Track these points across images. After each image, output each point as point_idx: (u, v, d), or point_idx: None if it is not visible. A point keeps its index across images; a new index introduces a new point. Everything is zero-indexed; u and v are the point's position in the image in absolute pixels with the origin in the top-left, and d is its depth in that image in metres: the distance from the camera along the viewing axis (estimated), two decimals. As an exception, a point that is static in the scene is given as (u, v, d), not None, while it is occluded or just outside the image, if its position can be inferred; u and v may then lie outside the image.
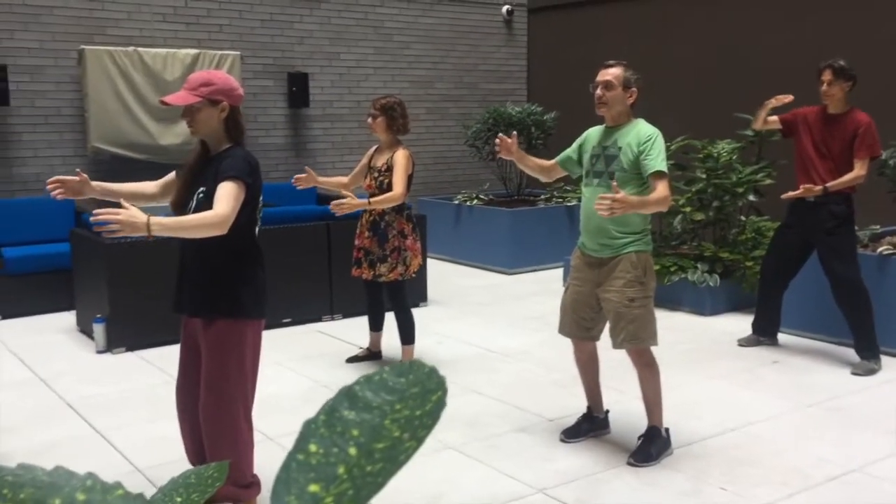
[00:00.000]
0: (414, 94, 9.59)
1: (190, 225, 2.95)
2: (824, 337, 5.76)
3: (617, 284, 3.83)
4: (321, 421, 0.52)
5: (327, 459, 0.49)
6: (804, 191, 5.10)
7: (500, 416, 4.49)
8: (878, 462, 3.87)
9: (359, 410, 0.52)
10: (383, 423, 0.50)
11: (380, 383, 0.54)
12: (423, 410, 0.51)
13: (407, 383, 0.54)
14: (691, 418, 4.40)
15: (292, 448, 0.52)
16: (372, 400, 0.53)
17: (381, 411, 0.52)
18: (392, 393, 0.53)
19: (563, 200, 8.86)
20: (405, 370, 0.57)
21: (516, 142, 3.98)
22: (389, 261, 5.02)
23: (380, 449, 0.49)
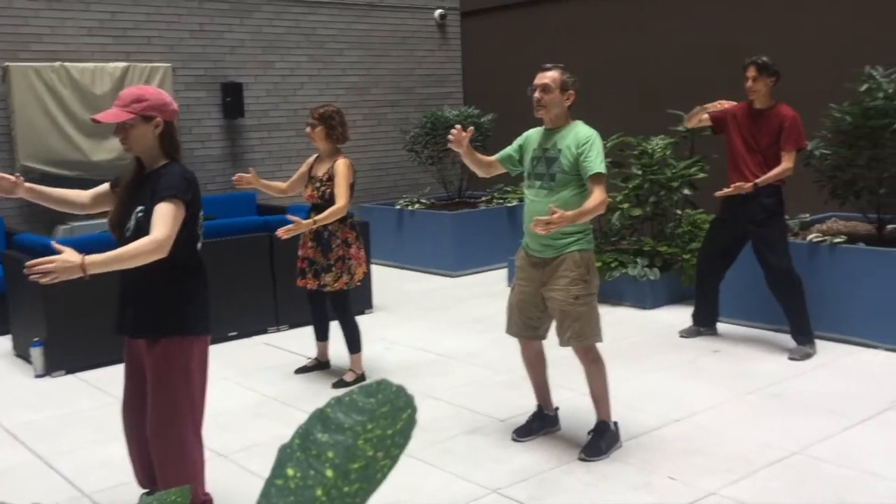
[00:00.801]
0: (350, 100, 9.57)
1: (128, 256, 2.88)
2: (761, 324, 5.93)
3: (561, 283, 3.89)
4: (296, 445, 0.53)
5: (305, 483, 0.50)
6: (735, 188, 5.26)
7: (451, 419, 4.51)
8: (817, 444, 4.01)
9: (332, 432, 0.53)
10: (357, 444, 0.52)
11: (350, 404, 0.56)
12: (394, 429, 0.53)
13: (377, 403, 0.56)
14: (638, 411, 4.49)
15: (270, 474, 0.53)
16: (344, 421, 0.54)
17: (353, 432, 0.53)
18: (363, 413, 0.55)
19: (503, 202, 8.94)
20: (374, 390, 0.58)
21: (469, 136, 3.99)
22: (334, 270, 5.01)
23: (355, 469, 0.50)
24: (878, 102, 5.52)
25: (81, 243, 5.57)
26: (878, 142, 5.59)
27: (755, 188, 5.25)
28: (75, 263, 2.73)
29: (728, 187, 5.36)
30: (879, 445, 3.97)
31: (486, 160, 4.23)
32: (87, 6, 7.92)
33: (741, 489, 3.58)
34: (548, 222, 3.57)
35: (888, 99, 5.51)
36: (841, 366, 5.17)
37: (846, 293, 5.55)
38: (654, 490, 3.62)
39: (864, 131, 5.57)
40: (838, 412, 4.39)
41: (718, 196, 5.43)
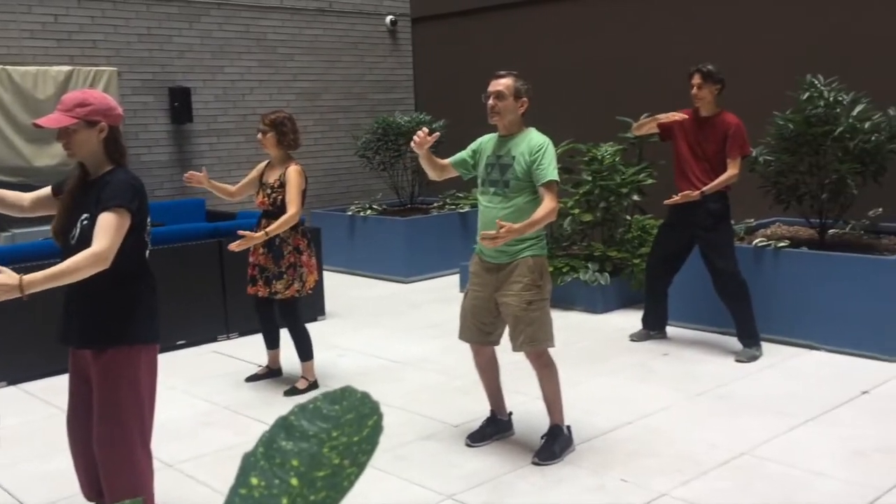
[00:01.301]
0: (301, 106, 9.51)
1: (68, 272, 2.80)
2: (709, 327, 6.04)
3: (515, 288, 3.91)
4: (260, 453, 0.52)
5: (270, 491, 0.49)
6: (683, 197, 5.35)
7: (405, 426, 4.50)
8: (764, 444, 4.10)
9: (296, 440, 0.52)
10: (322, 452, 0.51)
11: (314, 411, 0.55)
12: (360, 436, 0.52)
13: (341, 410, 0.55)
14: (591, 414, 4.54)
15: (234, 483, 0.52)
16: (308, 429, 0.53)
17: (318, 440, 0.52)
18: (327, 420, 0.54)
19: (455, 208, 8.96)
20: (338, 397, 0.58)
21: (433, 140, 3.99)
22: (285, 278, 4.96)
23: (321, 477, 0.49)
24: (819, 110, 5.68)
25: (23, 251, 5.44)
26: (820, 148, 5.75)
27: (702, 196, 5.35)
28: (12, 285, 2.65)
29: (676, 194, 5.45)
30: (824, 445, 4.07)
31: (441, 163, 4.23)
32: (29, 8, 7.73)
33: (691, 490, 3.64)
34: (494, 237, 3.64)
35: (829, 107, 5.67)
36: (786, 367, 5.29)
37: (790, 296, 5.68)
38: (607, 492, 3.66)
39: (805, 138, 5.73)
40: (784, 413, 4.49)
41: (667, 204, 5.52)
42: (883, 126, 5.66)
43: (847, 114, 5.65)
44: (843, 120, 5.62)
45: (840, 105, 5.70)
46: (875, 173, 5.76)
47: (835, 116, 5.65)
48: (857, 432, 4.20)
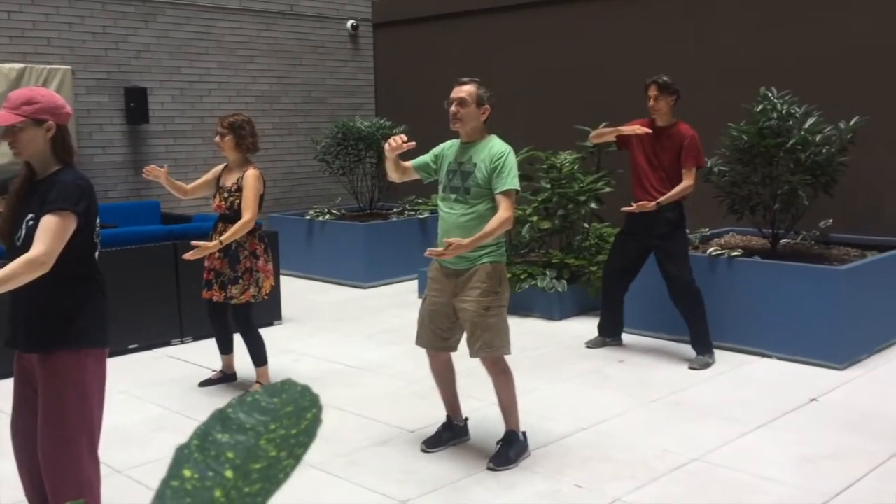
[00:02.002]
0: (260, 108, 9.43)
1: (6, 278, 2.73)
2: (664, 335, 6.11)
3: (473, 294, 3.92)
4: (194, 446, 0.51)
5: (203, 484, 0.48)
6: (639, 207, 5.41)
7: (360, 431, 4.47)
8: (716, 450, 4.15)
9: (232, 433, 0.51)
10: (259, 444, 0.50)
11: (253, 404, 0.54)
12: (298, 429, 0.52)
13: (280, 403, 0.54)
14: (547, 420, 4.56)
15: (165, 475, 0.51)
16: (245, 421, 0.52)
17: (255, 432, 0.51)
18: (266, 413, 0.53)
19: (415, 213, 8.95)
20: (278, 390, 0.57)
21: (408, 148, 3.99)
22: (241, 282, 4.90)
23: (257, 469, 0.48)
24: (772, 122, 5.79)
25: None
26: (773, 160, 5.86)
27: (658, 207, 5.42)
28: None
29: (633, 202, 5.51)
30: (773, 450, 4.14)
31: (404, 165, 4.22)
32: (-20, 3, 7.56)
33: (644, 494, 3.67)
34: (440, 254, 3.71)
35: (782, 119, 5.79)
36: (738, 374, 5.37)
37: (743, 304, 5.78)
38: (561, 498, 3.67)
39: (759, 149, 5.83)
40: (735, 419, 4.55)
41: (625, 212, 5.58)
42: (833, 139, 5.79)
43: (799, 126, 5.77)
44: (795, 132, 5.74)
45: (792, 118, 5.82)
46: (826, 185, 5.88)
47: (787, 129, 5.77)
48: (805, 438, 4.28)
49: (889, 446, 4.14)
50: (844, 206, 6.41)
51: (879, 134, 6.37)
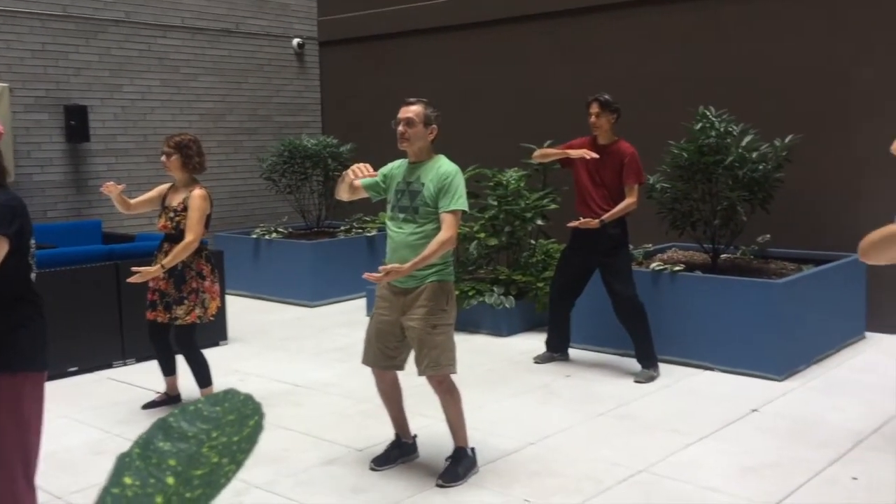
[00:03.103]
0: (204, 127, 9.33)
1: None
2: (610, 349, 6.20)
3: (420, 312, 3.93)
4: (136, 454, 0.51)
5: (144, 490, 0.48)
6: (583, 224, 5.50)
7: (308, 451, 4.43)
8: (661, 461, 4.22)
9: (174, 441, 0.51)
10: (201, 451, 0.51)
11: (195, 413, 0.55)
12: (240, 436, 0.52)
13: (223, 411, 0.55)
14: (495, 436, 4.58)
15: (106, 483, 0.51)
16: (188, 430, 0.53)
17: (197, 440, 0.52)
18: (208, 422, 0.54)
19: (362, 231, 8.94)
20: (220, 399, 0.57)
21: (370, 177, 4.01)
22: (186, 303, 4.83)
23: (198, 475, 0.49)
24: (711, 140, 5.95)
25: None
26: (712, 177, 6.01)
27: (602, 224, 5.51)
28: None
29: (578, 219, 5.60)
30: (717, 461, 4.22)
31: (355, 185, 4.23)
32: (-88, 19, 7.36)
33: (592, 508, 3.71)
34: (378, 279, 3.80)
35: (720, 137, 5.94)
36: (682, 387, 5.47)
37: (686, 318, 5.89)
38: (509, 513, 3.69)
39: (699, 167, 5.98)
40: (680, 431, 4.63)
41: (570, 228, 5.66)
42: (769, 156, 5.97)
43: (737, 144, 5.94)
44: (733, 150, 5.90)
45: (730, 136, 5.98)
46: (762, 201, 6.05)
47: (726, 146, 5.93)
48: (747, 449, 4.37)
49: (827, 454, 4.26)
50: (781, 222, 6.60)
51: (813, 151, 6.58)
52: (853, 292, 6.47)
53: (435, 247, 3.83)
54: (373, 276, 3.82)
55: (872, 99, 6.61)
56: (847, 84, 6.73)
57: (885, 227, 2.22)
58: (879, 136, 4.99)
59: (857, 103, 6.69)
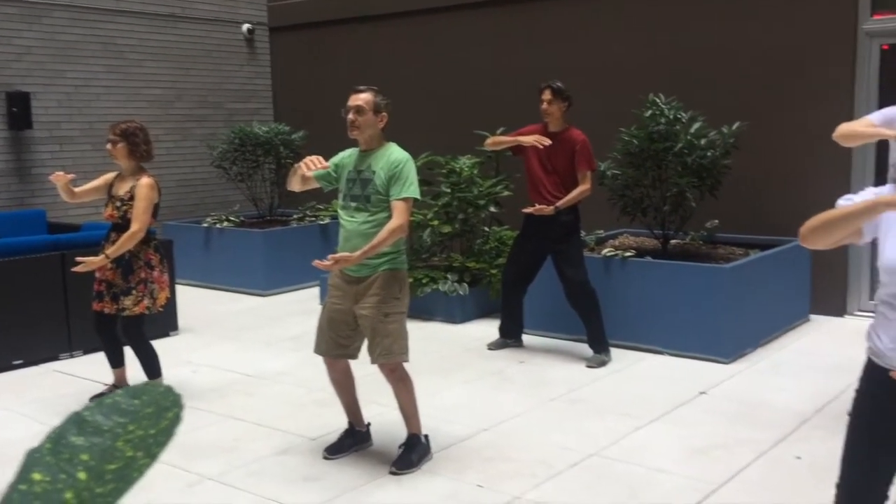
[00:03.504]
0: (153, 114, 9.16)
1: None
2: (562, 335, 6.25)
3: (373, 301, 3.93)
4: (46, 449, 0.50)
5: (54, 486, 0.47)
6: (537, 210, 5.52)
7: (260, 441, 4.40)
8: (611, 445, 4.28)
9: (88, 435, 0.50)
10: (115, 445, 0.50)
11: (112, 406, 0.53)
12: (157, 428, 0.51)
13: (141, 404, 0.54)
14: (448, 422, 4.59)
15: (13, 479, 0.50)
16: (103, 423, 0.51)
17: (112, 434, 0.51)
18: (125, 415, 0.52)
19: (315, 219, 8.87)
20: (140, 391, 0.56)
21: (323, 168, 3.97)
22: (134, 293, 4.74)
23: (111, 470, 0.48)
24: (660, 127, 6.02)
25: None
26: (662, 163, 6.08)
27: (556, 211, 5.54)
28: None
29: (531, 206, 5.63)
30: (666, 443, 4.29)
31: (307, 175, 4.19)
32: None
33: (543, 492, 3.75)
34: (328, 267, 3.80)
35: (669, 124, 6.02)
36: (633, 371, 5.54)
37: (637, 303, 5.97)
38: (462, 498, 3.71)
39: (649, 153, 6.05)
40: (630, 414, 4.70)
41: (524, 213, 5.68)
42: (717, 143, 6.06)
43: (685, 131, 6.02)
44: (682, 137, 5.98)
45: (679, 123, 6.06)
46: (711, 187, 6.15)
47: (675, 133, 6.01)
48: (695, 431, 4.45)
49: (773, 434, 4.36)
50: (729, 207, 6.71)
51: (759, 138, 6.69)
52: (798, 276, 6.63)
53: (385, 234, 3.82)
54: (321, 263, 3.80)
55: (816, 86, 6.74)
56: (792, 71, 6.86)
57: (825, 212, 2.27)
58: (823, 122, 5.10)
59: (802, 90, 6.82)
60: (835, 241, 2.29)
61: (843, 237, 2.29)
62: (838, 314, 6.79)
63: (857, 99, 6.59)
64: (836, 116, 5.09)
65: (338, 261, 3.79)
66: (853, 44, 6.61)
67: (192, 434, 4.52)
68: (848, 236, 2.30)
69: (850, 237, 2.32)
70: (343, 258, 3.79)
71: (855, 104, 6.55)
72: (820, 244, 2.31)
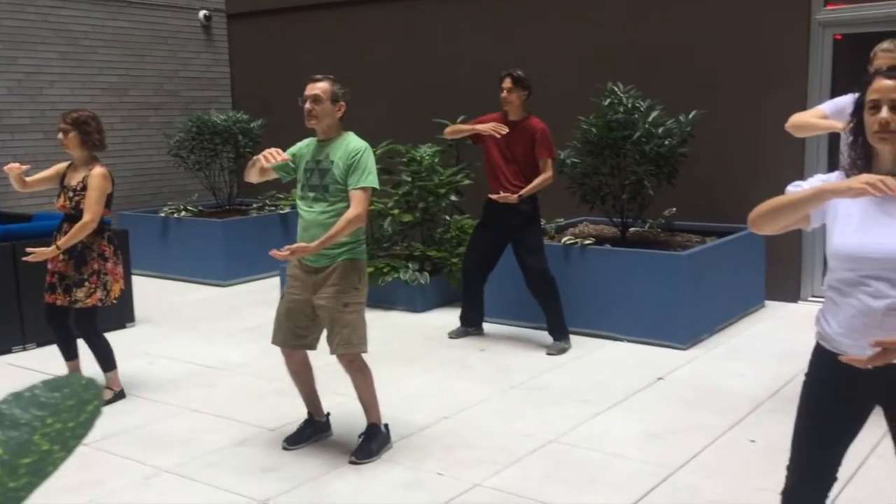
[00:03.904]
0: (107, 101, 8.99)
1: None
2: (522, 323, 6.28)
3: (331, 291, 3.91)
4: (-41, 444, 0.48)
5: (-36, 482, 0.46)
6: (501, 198, 5.53)
7: (218, 432, 4.36)
8: (570, 431, 4.31)
9: (5, 429, 0.49)
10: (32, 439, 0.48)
11: (30, 399, 0.52)
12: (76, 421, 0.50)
13: (62, 397, 0.52)
14: (409, 411, 4.59)
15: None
16: (20, 417, 0.50)
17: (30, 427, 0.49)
18: (44, 408, 0.51)
19: (275, 209, 8.80)
20: (61, 384, 0.55)
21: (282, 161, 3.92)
22: (87, 285, 4.65)
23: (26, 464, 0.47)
24: (619, 116, 6.06)
25: None
26: (620, 152, 6.13)
27: (521, 199, 5.56)
28: None
29: (492, 195, 5.64)
30: (623, 428, 4.34)
31: (265, 168, 4.14)
32: None
33: (503, 478, 3.77)
34: (284, 257, 3.77)
35: (628, 113, 6.06)
36: (592, 358, 5.59)
37: (596, 291, 6.02)
38: (423, 486, 3.71)
39: (607, 142, 6.09)
40: (589, 401, 4.75)
41: (489, 200, 5.65)
42: (674, 131, 6.12)
43: (644, 120, 6.07)
44: (640, 125, 6.02)
45: (637, 111, 6.10)
46: (668, 175, 6.21)
47: (633, 122, 6.05)
48: (652, 416, 4.51)
49: (727, 419, 4.43)
50: (687, 195, 6.79)
51: (715, 127, 6.77)
52: (753, 263, 6.73)
53: (343, 224, 3.80)
54: (278, 253, 3.77)
55: (771, 75, 6.83)
56: (748, 60, 6.94)
57: (773, 198, 2.31)
58: (778, 111, 5.17)
59: (758, 79, 6.90)
60: (782, 226, 2.33)
61: (791, 223, 2.33)
62: (793, 300, 6.92)
63: (810, 88, 6.69)
64: (791, 105, 5.17)
65: (295, 251, 3.77)
66: (807, 34, 6.71)
67: (149, 427, 4.47)
68: (796, 222, 2.34)
69: (799, 223, 2.36)
70: (300, 248, 3.77)
71: (808, 93, 6.66)
72: (768, 230, 2.35)
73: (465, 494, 3.62)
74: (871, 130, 2.20)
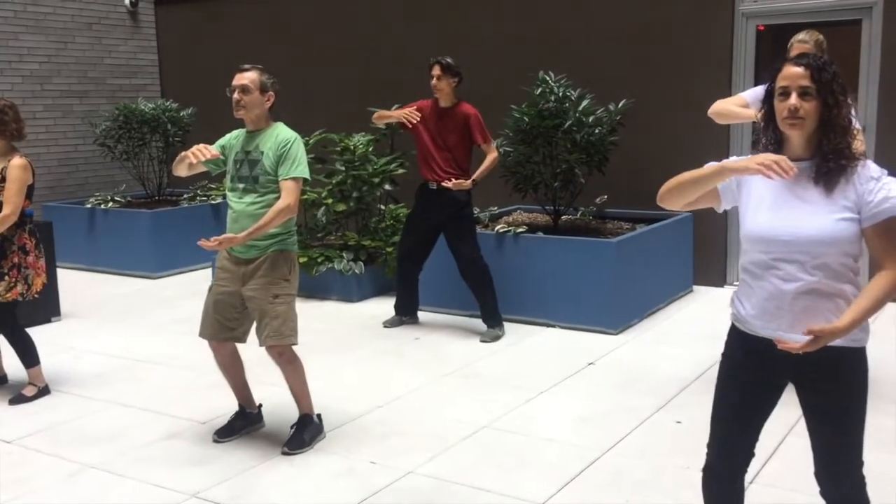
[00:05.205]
0: (28, 90, 8.70)
1: None
2: (457, 311, 6.32)
3: (261, 282, 3.87)
4: None
5: None
6: (455, 185, 5.52)
7: (147, 427, 4.28)
8: (503, 416, 4.36)
9: None
10: None
11: None
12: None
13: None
14: (343, 400, 4.58)
15: None
16: None
17: None
18: None
19: (207, 199, 8.65)
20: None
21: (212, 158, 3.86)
22: (7, 279, 4.51)
23: None
24: (550, 105, 6.12)
25: None
26: (552, 140, 6.20)
27: (475, 184, 5.58)
28: None
29: (424, 183, 5.65)
30: (554, 413, 4.41)
31: (193, 161, 4.07)
32: None
33: (437, 465, 3.79)
34: (212, 247, 3.74)
35: (559, 102, 6.13)
36: (526, 345, 5.66)
37: (529, 278, 6.08)
38: (355, 475, 3.72)
39: (539, 131, 6.15)
40: (522, 387, 4.80)
41: (444, 186, 5.59)
42: (604, 120, 6.21)
43: (574, 108, 6.14)
44: (571, 114, 6.10)
45: (568, 100, 6.17)
46: (599, 163, 6.30)
47: (564, 111, 6.12)
48: (583, 400, 4.59)
49: (654, 402, 4.54)
50: (617, 183, 6.90)
51: (644, 115, 6.89)
52: (682, 249, 6.89)
53: (272, 215, 3.76)
54: (207, 243, 3.72)
55: (698, 64, 6.98)
56: (675, 50, 7.07)
57: (681, 174, 2.37)
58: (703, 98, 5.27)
59: (684, 68, 7.04)
60: (687, 202, 2.40)
61: (697, 200, 2.40)
62: (719, 284, 7.10)
63: (734, 76, 6.86)
64: (716, 93, 5.29)
65: (223, 241, 3.73)
66: (731, 24, 6.87)
67: (75, 423, 4.36)
68: (703, 200, 2.42)
69: (708, 201, 2.43)
70: (228, 239, 3.73)
71: (732, 81, 6.82)
72: (674, 204, 2.42)
73: (399, 482, 3.64)
74: (780, 117, 2.27)
